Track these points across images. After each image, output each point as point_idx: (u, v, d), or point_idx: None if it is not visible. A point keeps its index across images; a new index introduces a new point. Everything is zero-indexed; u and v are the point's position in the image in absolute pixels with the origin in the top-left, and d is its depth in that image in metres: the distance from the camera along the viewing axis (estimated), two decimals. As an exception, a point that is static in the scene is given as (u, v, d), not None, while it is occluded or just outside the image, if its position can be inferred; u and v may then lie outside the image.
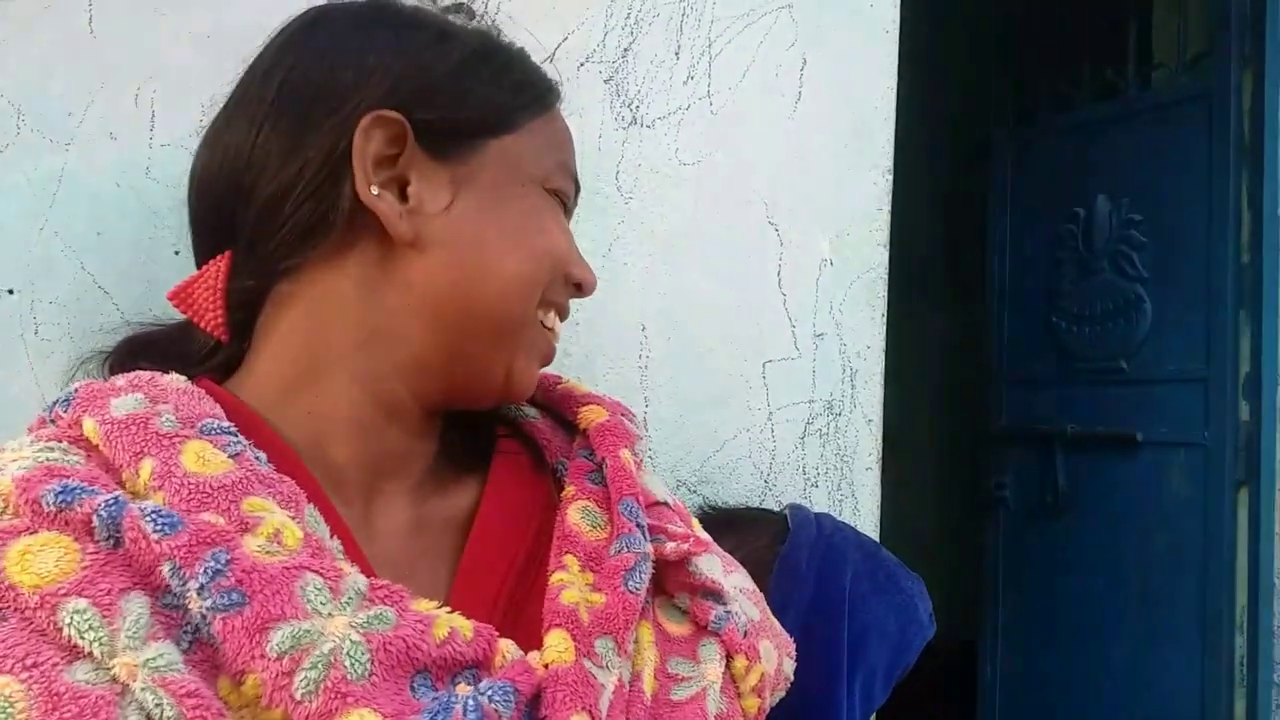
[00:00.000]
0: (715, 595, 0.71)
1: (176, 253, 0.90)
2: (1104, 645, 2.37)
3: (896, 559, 1.02)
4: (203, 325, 0.66)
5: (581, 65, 1.10)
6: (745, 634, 0.71)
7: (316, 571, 0.53)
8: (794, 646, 0.77)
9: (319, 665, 0.50)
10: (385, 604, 0.54)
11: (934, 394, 3.63)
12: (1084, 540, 2.44)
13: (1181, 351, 2.32)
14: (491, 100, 0.67)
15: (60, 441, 0.56)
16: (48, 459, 0.54)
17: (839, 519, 1.07)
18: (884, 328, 1.28)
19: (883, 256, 1.27)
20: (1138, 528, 2.35)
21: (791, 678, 0.77)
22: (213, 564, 0.50)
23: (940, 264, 3.59)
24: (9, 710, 0.45)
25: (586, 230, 1.10)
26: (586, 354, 1.10)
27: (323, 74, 0.64)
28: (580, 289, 0.72)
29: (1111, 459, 2.41)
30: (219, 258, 0.65)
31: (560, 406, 0.78)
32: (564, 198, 0.71)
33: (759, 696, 0.73)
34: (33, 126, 0.86)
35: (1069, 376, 2.54)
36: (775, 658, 0.74)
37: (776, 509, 1.08)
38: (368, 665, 0.51)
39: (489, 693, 0.54)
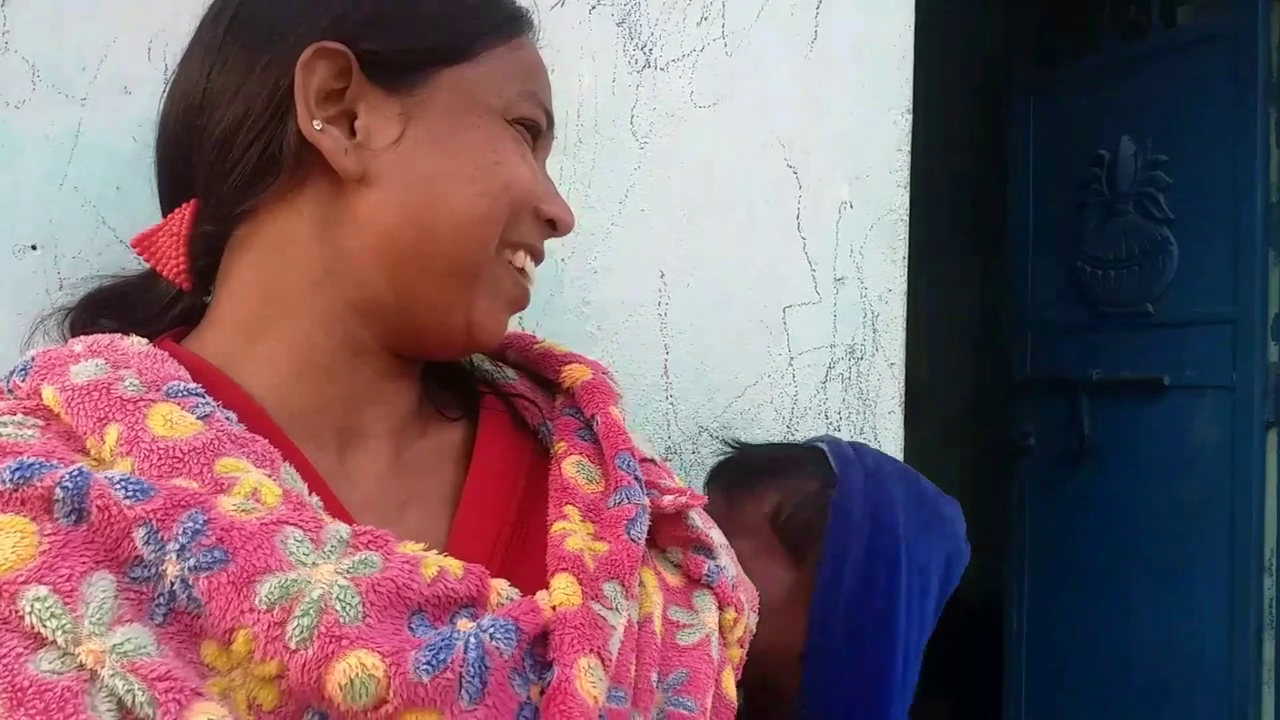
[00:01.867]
0: (706, 549, 0.72)
1: (195, 206, 0.90)
2: (1131, 590, 2.36)
3: (932, 484, 1.02)
4: (165, 273, 0.65)
5: (593, 9, 1.09)
6: (734, 587, 0.72)
7: (295, 524, 0.52)
8: (758, 600, 0.78)
9: (310, 612, 0.49)
10: (370, 549, 0.54)
11: (958, 342, 3.60)
12: (1110, 486, 2.43)
13: (1208, 293, 2.29)
14: (443, 27, 0.64)
15: (14, 414, 0.55)
16: (1, 434, 0.53)
17: (872, 448, 1.06)
18: (905, 271, 1.27)
19: (903, 199, 1.26)
20: (1165, 472, 2.33)
21: (754, 630, 0.77)
22: (190, 524, 0.49)
23: (962, 210, 3.55)
24: None
25: (602, 176, 1.09)
26: (604, 302, 1.10)
27: (268, 8, 0.63)
28: (554, 227, 0.69)
29: (1138, 404, 2.39)
30: (184, 205, 0.64)
31: (539, 366, 0.77)
32: (531, 128, 0.67)
33: (741, 647, 0.75)
34: (49, 82, 0.86)
35: (1094, 322, 2.52)
36: (752, 614, 0.76)
37: (801, 443, 1.07)
38: (359, 608, 0.51)
39: (490, 629, 0.54)
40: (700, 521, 0.73)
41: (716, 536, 0.75)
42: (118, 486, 0.50)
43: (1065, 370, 2.55)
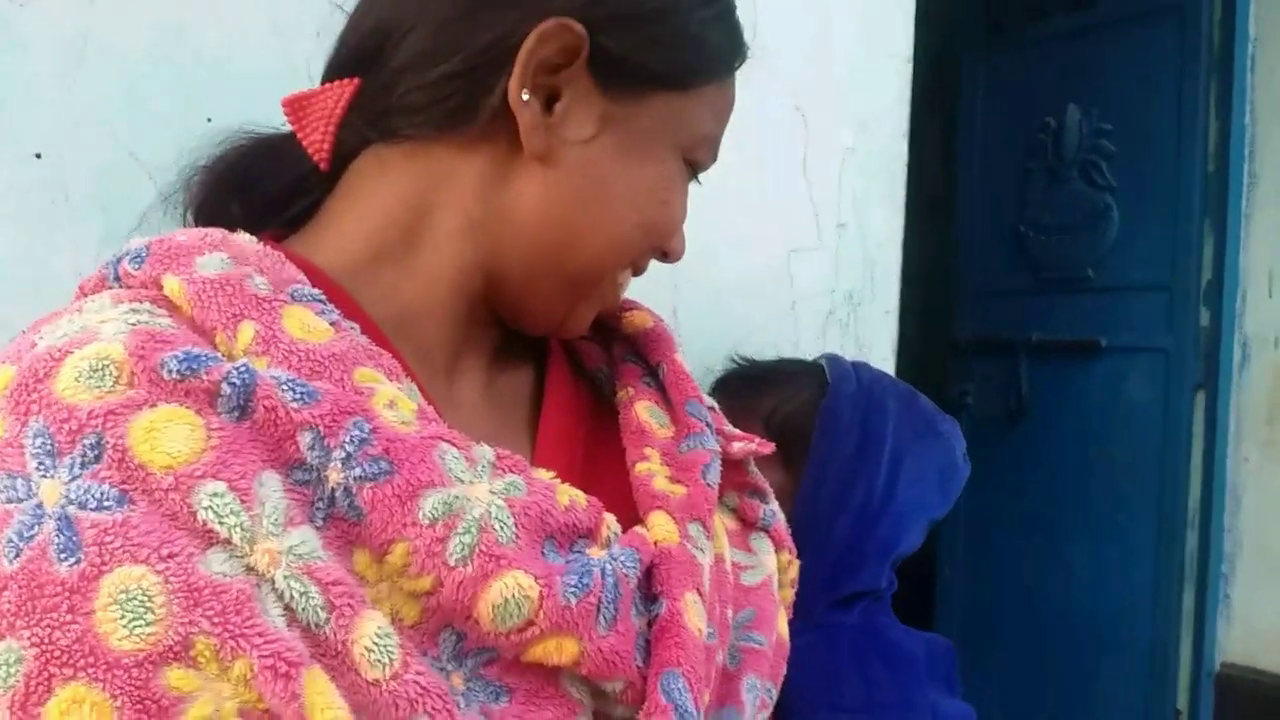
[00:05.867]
0: (761, 494, 0.74)
1: (209, 120, 0.85)
2: (1063, 544, 2.46)
3: (931, 403, 1.04)
4: (307, 144, 0.61)
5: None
6: (787, 530, 0.74)
7: (449, 441, 0.52)
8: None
9: (471, 530, 0.49)
10: (513, 472, 0.54)
11: (903, 306, 3.67)
12: (1046, 443, 2.52)
13: (1146, 260, 2.37)
14: (684, 52, 0.62)
15: (141, 303, 0.51)
16: (138, 321, 0.49)
17: (874, 367, 1.07)
18: (903, 220, 1.28)
19: (902, 147, 1.27)
20: (1098, 431, 2.42)
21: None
22: (357, 432, 0.48)
23: (907, 175, 3.60)
24: (148, 604, 0.41)
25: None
26: (620, 239, 1.08)
27: None
28: (666, 257, 0.69)
29: (1074, 365, 2.48)
30: (345, 81, 0.60)
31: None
32: (696, 170, 0.67)
33: (792, 588, 0.76)
34: (56, -22, 0.80)
35: (1036, 286, 2.59)
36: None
37: (805, 359, 1.08)
38: (513, 529, 0.50)
39: (621, 558, 0.54)
40: (755, 468, 0.74)
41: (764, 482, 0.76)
42: (284, 387, 0.47)
43: (1005, 332, 2.62)
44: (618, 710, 0.55)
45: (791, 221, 1.18)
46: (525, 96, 0.57)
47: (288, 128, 0.63)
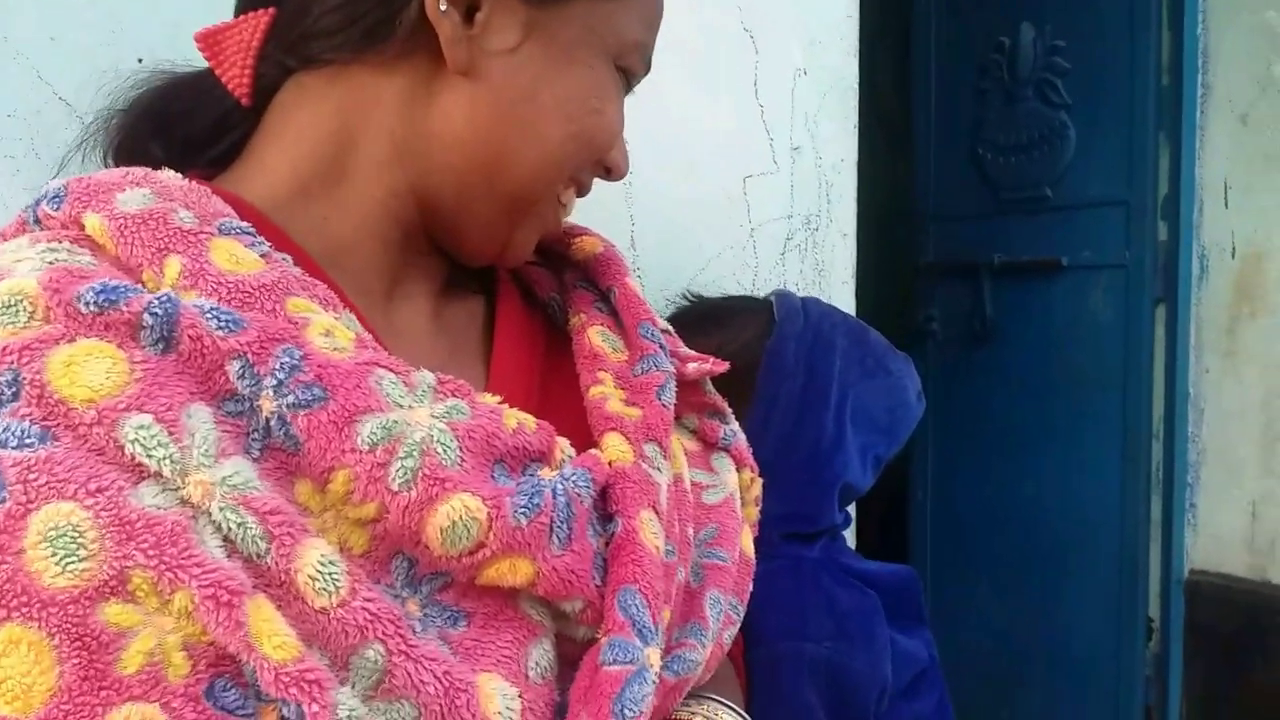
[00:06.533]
0: (720, 414, 0.74)
1: (140, 60, 0.82)
2: (1031, 460, 2.49)
3: (884, 340, 1.04)
4: (226, 80, 0.60)
5: None
6: (747, 448, 0.75)
7: (387, 367, 0.51)
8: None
9: (413, 454, 0.48)
10: (455, 396, 0.53)
11: (860, 232, 3.67)
12: (1012, 363, 2.54)
13: (1104, 176, 2.37)
14: None
15: (60, 242, 0.50)
16: (55, 259, 0.48)
17: (826, 303, 1.07)
18: (856, 140, 1.27)
19: (853, 67, 1.26)
20: (1062, 349, 2.44)
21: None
22: (287, 359, 0.47)
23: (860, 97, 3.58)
24: (79, 540, 0.41)
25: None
26: (571, 169, 1.06)
27: None
28: (609, 174, 0.67)
29: (1037, 285, 2.49)
30: (260, 12, 0.59)
31: (547, 240, 0.75)
32: (630, 78, 0.65)
33: (756, 505, 0.78)
34: (-37, -85, 0.77)
35: (996, 208, 2.59)
36: None
37: (754, 296, 1.07)
38: (458, 452, 0.50)
39: (573, 478, 0.54)
40: (712, 388, 0.74)
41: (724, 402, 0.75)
42: (209, 316, 0.46)
43: (967, 255, 2.62)
44: (579, 631, 0.55)
45: (745, 146, 1.17)
46: (443, 7, 0.56)
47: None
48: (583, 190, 0.68)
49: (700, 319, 1.02)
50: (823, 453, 0.97)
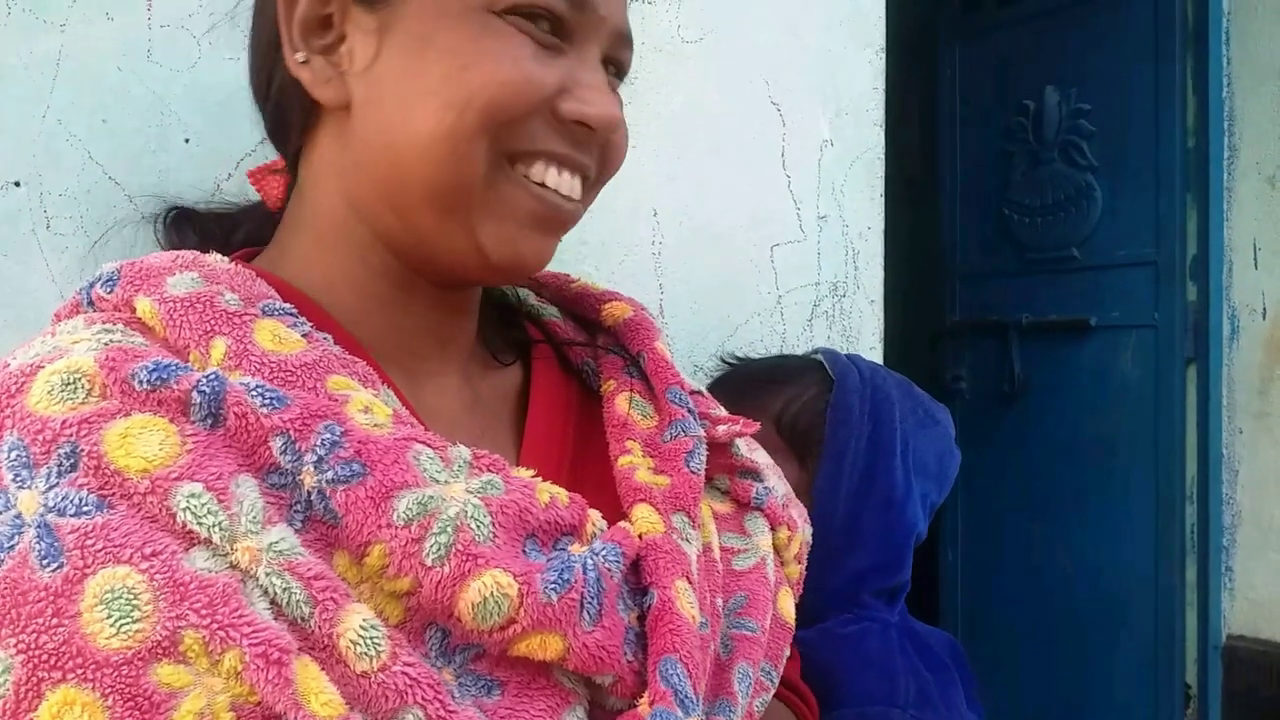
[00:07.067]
0: (753, 474, 0.73)
1: (186, 140, 0.85)
2: (1063, 524, 2.46)
3: (925, 392, 1.05)
4: (267, 202, 0.66)
5: (583, -60, 1.06)
6: (784, 506, 0.74)
7: (424, 442, 0.52)
8: (807, 519, 0.79)
9: (447, 529, 0.49)
10: (490, 471, 0.54)
11: (888, 294, 3.68)
12: (1041, 424, 2.52)
13: (1131, 237, 2.38)
14: None
15: (114, 324, 0.52)
16: (110, 340, 0.50)
17: (866, 359, 1.08)
18: (883, 209, 1.28)
19: (879, 137, 1.27)
20: (1092, 409, 2.43)
21: (810, 542, 0.79)
22: (328, 435, 0.49)
23: (886, 159, 3.61)
24: (133, 602, 0.42)
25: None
26: (603, 241, 1.08)
27: None
28: (585, 124, 0.58)
29: (1065, 344, 2.48)
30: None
31: (579, 306, 0.77)
32: (542, 16, 0.56)
33: (799, 563, 0.76)
34: (24, 7, 0.80)
35: (1022, 268, 2.60)
36: (805, 526, 0.77)
37: (800, 355, 1.08)
38: (490, 528, 0.51)
39: (602, 553, 0.55)
40: (745, 448, 0.74)
41: (761, 458, 0.76)
42: (254, 393, 0.48)
43: (994, 314, 2.62)
44: (610, 701, 0.55)
45: (772, 216, 1.19)
46: (301, 58, 0.58)
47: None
48: (565, 161, 0.59)
49: (757, 380, 1.03)
50: (896, 502, 0.97)
